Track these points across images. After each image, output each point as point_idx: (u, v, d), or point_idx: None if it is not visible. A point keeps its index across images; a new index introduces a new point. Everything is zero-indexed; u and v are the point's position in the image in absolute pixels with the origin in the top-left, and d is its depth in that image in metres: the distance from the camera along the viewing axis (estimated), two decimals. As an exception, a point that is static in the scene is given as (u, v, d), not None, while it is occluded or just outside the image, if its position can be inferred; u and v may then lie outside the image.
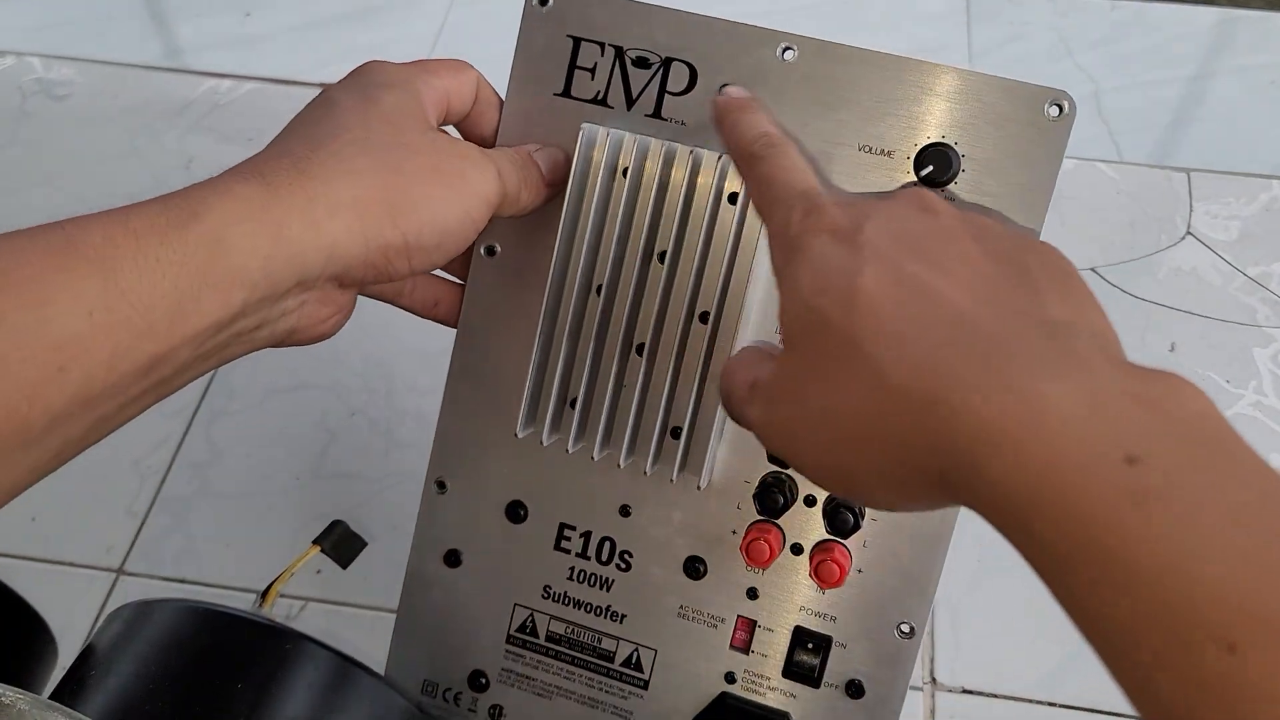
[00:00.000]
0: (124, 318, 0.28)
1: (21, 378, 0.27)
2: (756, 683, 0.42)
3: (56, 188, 0.78)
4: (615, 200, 0.39)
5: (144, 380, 0.30)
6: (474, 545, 0.43)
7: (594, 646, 0.43)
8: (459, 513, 0.43)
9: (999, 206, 0.38)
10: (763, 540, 0.40)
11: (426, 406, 0.67)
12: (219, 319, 0.31)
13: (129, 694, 0.35)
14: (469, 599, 0.44)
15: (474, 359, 0.43)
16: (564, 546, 0.43)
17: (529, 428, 0.41)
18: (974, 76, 0.38)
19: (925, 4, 0.89)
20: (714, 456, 0.40)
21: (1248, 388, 0.66)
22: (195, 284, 0.30)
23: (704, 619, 0.42)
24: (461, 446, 0.43)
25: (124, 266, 0.28)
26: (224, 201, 0.31)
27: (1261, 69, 0.84)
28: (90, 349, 0.28)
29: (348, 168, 0.33)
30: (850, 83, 0.38)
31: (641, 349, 0.39)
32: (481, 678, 0.44)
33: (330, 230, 0.32)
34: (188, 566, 0.61)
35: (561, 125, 0.41)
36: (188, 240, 0.29)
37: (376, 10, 0.90)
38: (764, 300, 0.40)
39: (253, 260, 0.31)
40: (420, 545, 0.44)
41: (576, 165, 0.39)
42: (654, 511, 0.42)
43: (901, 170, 0.39)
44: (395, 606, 0.45)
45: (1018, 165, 0.38)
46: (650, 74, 0.40)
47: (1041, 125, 0.37)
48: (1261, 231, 0.73)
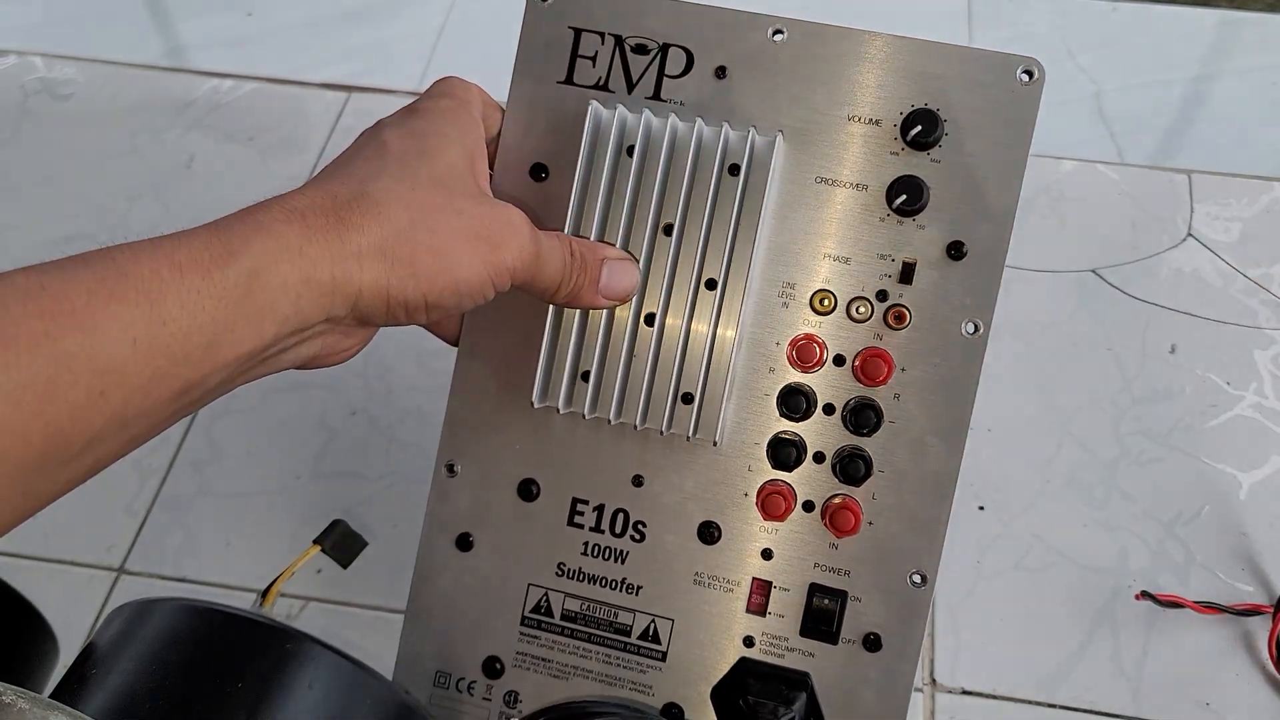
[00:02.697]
0: (164, 346, 0.30)
1: (68, 400, 0.28)
2: (775, 644, 0.42)
3: (57, 186, 0.78)
4: (623, 176, 0.41)
5: (175, 404, 0.31)
6: (486, 526, 0.44)
7: (610, 621, 0.43)
8: (470, 495, 0.44)
9: (978, 166, 0.41)
10: (778, 494, 0.41)
11: (427, 406, 0.67)
12: (251, 349, 0.32)
13: (130, 693, 0.35)
14: (481, 582, 0.44)
15: (483, 339, 0.43)
16: (577, 522, 0.43)
17: (543, 401, 0.42)
18: (950, 48, 0.41)
19: (926, 5, 0.89)
20: (726, 416, 0.41)
21: (1248, 389, 0.66)
22: (231, 316, 0.31)
23: (720, 584, 0.42)
24: (472, 427, 0.44)
25: (168, 298, 0.30)
26: (264, 240, 0.32)
27: (1262, 70, 0.84)
28: (130, 375, 0.29)
29: (385, 222, 0.34)
30: (836, 59, 0.41)
31: (651, 319, 0.41)
32: (496, 663, 0.44)
33: (358, 279, 0.34)
34: (188, 565, 0.61)
35: (565, 110, 0.43)
36: (227, 276, 0.31)
37: (378, 9, 0.90)
38: (765, 264, 0.42)
39: (284, 297, 0.32)
40: (430, 531, 0.44)
41: (585, 142, 0.41)
42: (666, 479, 0.43)
43: (890, 136, 0.41)
44: (396, 606, 0.45)
45: (994, 127, 0.40)
46: (649, 59, 0.42)
47: (1014, 90, 0.40)
48: (1262, 233, 0.73)
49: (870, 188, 0.41)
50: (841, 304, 0.41)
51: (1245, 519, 0.61)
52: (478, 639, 0.44)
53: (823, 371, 0.42)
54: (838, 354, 0.41)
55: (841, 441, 0.41)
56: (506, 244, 0.37)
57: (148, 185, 0.77)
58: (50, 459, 0.28)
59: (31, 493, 0.29)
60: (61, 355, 0.28)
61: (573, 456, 0.43)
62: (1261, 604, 0.57)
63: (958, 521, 0.62)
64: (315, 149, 0.78)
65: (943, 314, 0.41)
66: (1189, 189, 0.75)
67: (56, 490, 0.30)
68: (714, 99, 0.42)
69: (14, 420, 0.27)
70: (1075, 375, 0.67)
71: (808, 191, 0.42)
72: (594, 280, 0.40)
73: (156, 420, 0.31)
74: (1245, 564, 0.60)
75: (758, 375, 0.42)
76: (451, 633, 0.44)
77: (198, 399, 0.33)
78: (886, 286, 0.41)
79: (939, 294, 0.41)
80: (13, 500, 0.28)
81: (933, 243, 0.41)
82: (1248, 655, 0.57)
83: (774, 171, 0.41)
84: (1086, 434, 0.64)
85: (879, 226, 0.41)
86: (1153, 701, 0.56)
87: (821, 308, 0.41)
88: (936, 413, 0.41)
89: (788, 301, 0.42)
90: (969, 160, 0.41)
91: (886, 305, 0.41)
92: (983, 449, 0.64)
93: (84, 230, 0.75)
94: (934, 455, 0.41)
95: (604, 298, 0.40)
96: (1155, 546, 0.61)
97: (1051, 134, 0.79)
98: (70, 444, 0.29)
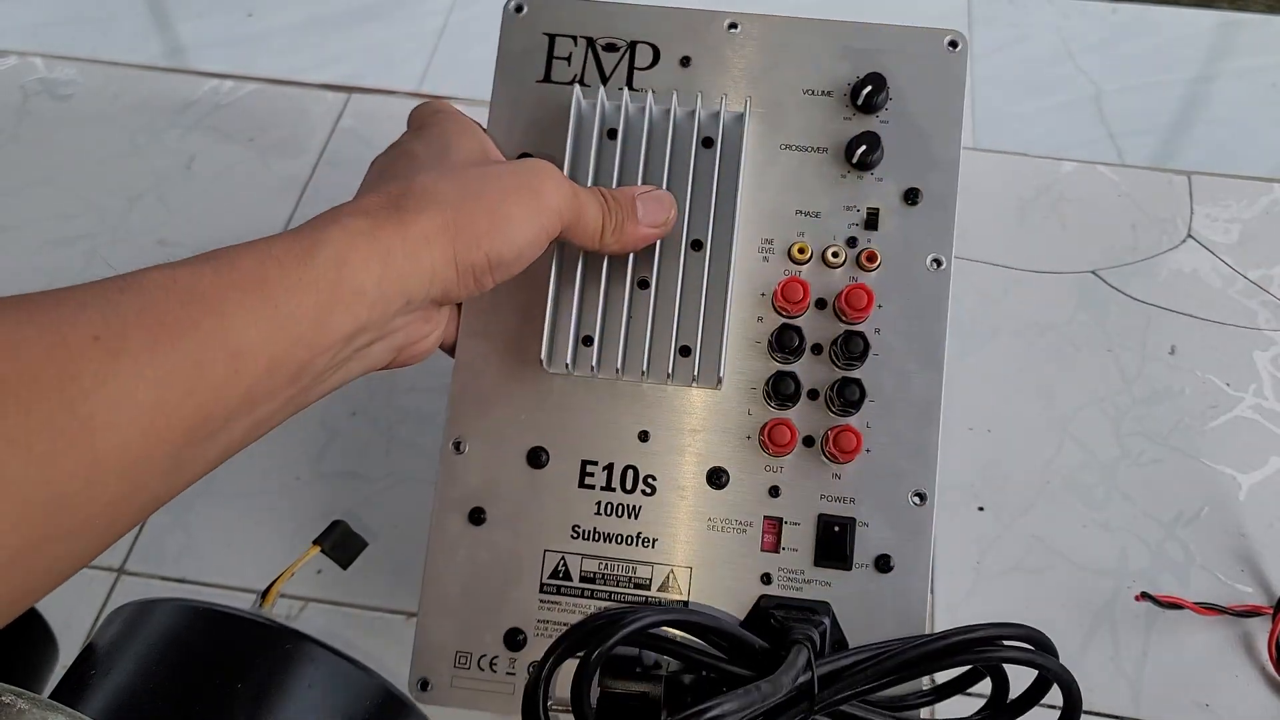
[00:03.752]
0: (279, 327, 0.33)
1: (210, 379, 0.31)
2: (792, 578, 0.44)
3: (58, 187, 0.78)
4: (607, 157, 0.45)
5: (291, 386, 0.35)
6: (497, 498, 0.45)
7: (629, 577, 0.44)
8: (479, 469, 0.45)
9: (922, 122, 0.46)
10: (782, 424, 0.44)
11: (427, 406, 0.67)
12: (348, 331, 0.35)
13: (130, 693, 0.35)
14: (497, 554, 0.44)
15: (484, 318, 0.45)
16: (588, 483, 0.44)
17: (550, 365, 0.44)
18: (885, 27, 0.47)
19: (926, 6, 0.89)
20: (724, 361, 0.44)
21: (1247, 391, 0.66)
22: (328, 299, 0.34)
23: (733, 526, 0.44)
24: (477, 402, 0.45)
25: (275, 285, 0.33)
26: (340, 233, 0.35)
27: (1262, 71, 0.84)
28: (256, 355, 0.32)
29: (436, 198, 0.38)
30: (787, 45, 0.47)
31: (645, 283, 0.44)
32: (519, 635, 0.44)
33: (428, 257, 0.37)
34: (188, 566, 0.61)
35: (546, 105, 0.47)
36: (318, 264, 0.34)
37: (378, 10, 0.90)
38: (743, 224, 0.45)
39: (368, 281, 0.35)
40: (442, 509, 0.45)
41: (570, 128, 0.45)
42: (671, 432, 0.45)
43: (842, 104, 0.47)
44: (396, 606, 0.45)
45: (931, 89, 0.46)
46: (619, 55, 0.47)
47: (944, 57, 0.46)
48: (1262, 234, 0.73)
49: (830, 149, 0.46)
50: (817, 253, 0.45)
51: (1245, 520, 0.61)
52: (497, 612, 0.44)
53: (808, 315, 0.45)
54: (819, 298, 0.45)
55: (832, 377, 0.44)
56: (545, 188, 0.40)
57: (148, 185, 0.77)
58: (197, 435, 0.31)
59: (180, 471, 0.32)
60: (203, 338, 0.31)
61: (578, 420, 0.45)
62: (1261, 605, 0.58)
63: (957, 522, 0.62)
64: (315, 149, 0.78)
65: (908, 253, 0.45)
66: (1189, 190, 0.75)
67: (197, 472, 0.33)
68: (682, 85, 0.47)
69: (173, 399, 0.30)
70: (1075, 376, 0.67)
71: (775, 158, 0.46)
72: (633, 214, 0.43)
73: (276, 405, 0.35)
74: (1245, 565, 0.60)
75: (748, 324, 0.45)
76: (469, 610, 0.44)
77: (308, 385, 0.36)
78: (855, 234, 0.46)
79: (902, 236, 0.45)
80: (169, 479, 0.31)
81: (891, 192, 0.46)
82: (1247, 656, 0.57)
83: (747, 137, 0.46)
84: (1086, 435, 0.64)
85: (841, 182, 0.46)
86: (1152, 702, 0.56)
87: (800, 257, 0.45)
88: (915, 343, 0.44)
89: (768, 256, 0.46)
90: (914, 118, 0.46)
91: (858, 250, 0.45)
92: (983, 449, 0.64)
93: (84, 230, 0.75)
94: (917, 382, 0.44)
95: (646, 227, 0.43)
96: (1155, 547, 0.61)
97: (1051, 135, 0.79)
98: (211, 421, 0.31)
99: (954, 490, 0.63)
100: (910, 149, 0.46)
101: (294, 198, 0.76)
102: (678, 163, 0.45)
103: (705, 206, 0.44)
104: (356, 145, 0.79)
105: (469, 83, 0.84)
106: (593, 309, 0.44)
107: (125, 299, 0.30)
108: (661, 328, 0.44)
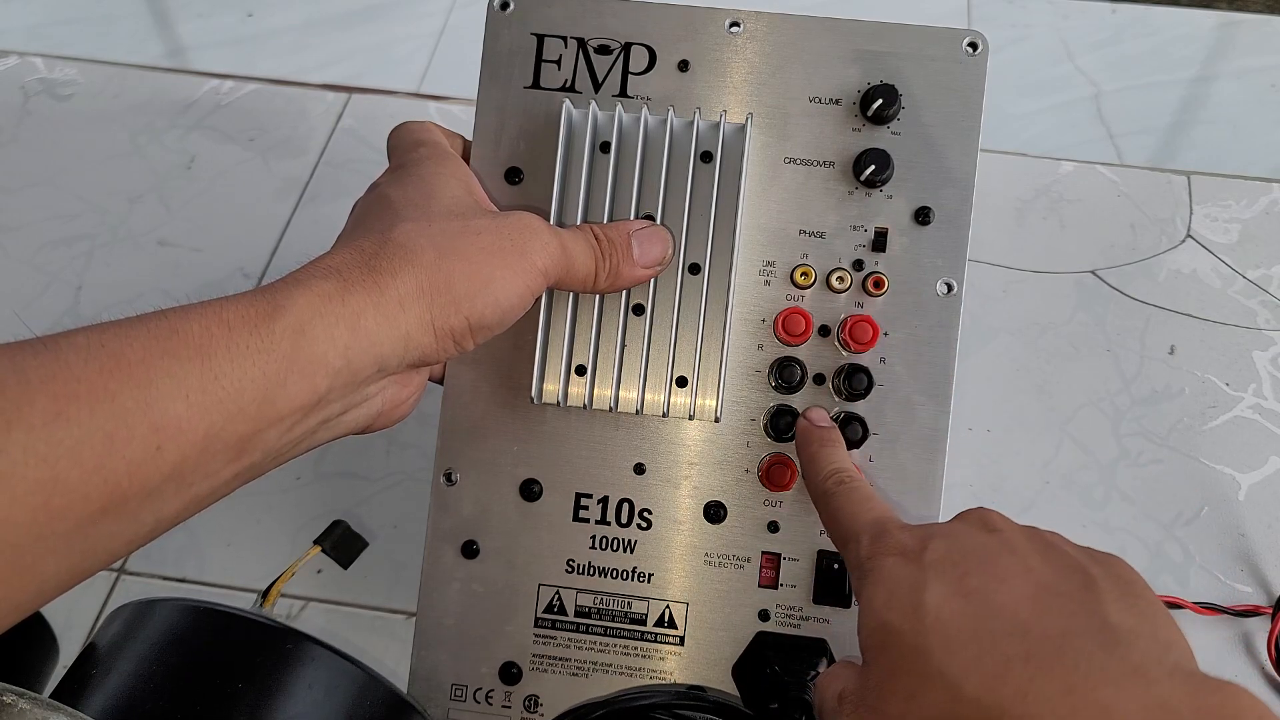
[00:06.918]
0: (216, 400, 0.30)
1: (125, 456, 0.28)
2: (790, 615, 0.43)
3: (58, 187, 0.78)
4: (600, 171, 0.42)
5: (234, 463, 0.32)
6: (490, 531, 0.44)
7: (625, 612, 0.43)
8: (471, 501, 0.44)
9: (936, 135, 0.42)
10: (781, 463, 0.42)
11: (427, 407, 0.67)
12: (304, 403, 0.33)
13: (130, 693, 0.35)
14: (491, 588, 0.44)
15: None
16: (582, 516, 0.43)
17: (541, 398, 0.42)
18: (897, 27, 0.43)
19: (926, 6, 0.89)
20: (723, 394, 0.42)
21: (1247, 391, 0.66)
22: (281, 370, 0.32)
23: (730, 561, 0.43)
24: (467, 433, 0.44)
25: (219, 354, 0.30)
26: (305, 296, 0.33)
27: (1262, 72, 0.84)
28: (185, 430, 0.30)
29: (413, 257, 0.35)
30: (792, 46, 0.43)
31: (640, 309, 0.42)
32: (513, 668, 0.43)
33: (403, 321, 0.35)
34: (189, 566, 0.61)
35: (535, 114, 0.44)
36: (274, 331, 0.32)
37: (379, 10, 0.90)
38: (744, 244, 0.43)
39: (333, 349, 0.33)
40: (434, 542, 0.44)
41: (560, 141, 0.42)
42: (668, 465, 0.43)
43: (851, 113, 0.43)
44: (396, 606, 0.45)
45: (948, 97, 0.43)
46: (613, 59, 0.44)
47: (962, 61, 0.43)
48: (1261, 234, 0.73)
49: (837, 164, 0.43)
50: (821, 277, 0.43)
51: (1244, 520, 0.61)
52: (492, 646, 0.44)
53: (810, 343, 0.43)
54: (822, 325, 0.43)
55: (834, 409, 0.43)
56: (530, 247, 0.38)
57: (148, 185, 0.77)
58: (109, 516, 0.29)
59: (91, 551, 0.29)
60: (119, 410, 0.28)
61: (572, 452, 0.43)
62: (1260, 605, 0.58)
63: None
64: (315, 150, 0.78)
65: (917, 277, 0.43)
66: (1188, 190, 0.75)
67: (116, 550, 0.30)
68: (679, 92, 0.44)
69: (74, 476, 0.27)
70: (1074, 376, 0.67)
71: (779, 173, 0.43)
72: (628, 256, 0.40)
73: (216, 481, 0.32)
74: (1244, 565, 0.60)
75: (748, 353, 0.43)
76: (464, 643, 0.44)
77: (258, 461, 0.33)
78: (862, 256, 0.43)
79: (912, 258, 0.43)
80: (71, 559, 0.28)
81: (901, 210, 0.43)
82: (1247, 656, 0.57)
83: (748, 155, 0.42)
84: (1086, 435, 0.64)
85: (849, 199, 0.43)
86: (1152, 702, 0.56)
87: (802, 281, 0.43)
88: (921, 372, 0.42)
89: (769, 279, 0.43)
90: (927, 130, 0.43)
91: (864, 274, 0.43)
92: (982, 449, 0.64)
93: (84, 230, 0.75)
94: (923, 414, 0.42)
95: (643, 268, 0.41)
96: (1154, 548, 0.61)
97: (1050, 135, 0.79)
98: (128, 501, 0.29)
99: (953, 490, 0.63)
100: (923, 163, 0.43)
101: (294, 198, 0.76)
102: (674, 179, 0.42)
103: (703, 227, 0.42)
104: (356, 145, 0.79)
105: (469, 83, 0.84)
106: (586, 337, 0.42)
107: (35, 363, 0.28)
108: (657, 356, 0.42)
